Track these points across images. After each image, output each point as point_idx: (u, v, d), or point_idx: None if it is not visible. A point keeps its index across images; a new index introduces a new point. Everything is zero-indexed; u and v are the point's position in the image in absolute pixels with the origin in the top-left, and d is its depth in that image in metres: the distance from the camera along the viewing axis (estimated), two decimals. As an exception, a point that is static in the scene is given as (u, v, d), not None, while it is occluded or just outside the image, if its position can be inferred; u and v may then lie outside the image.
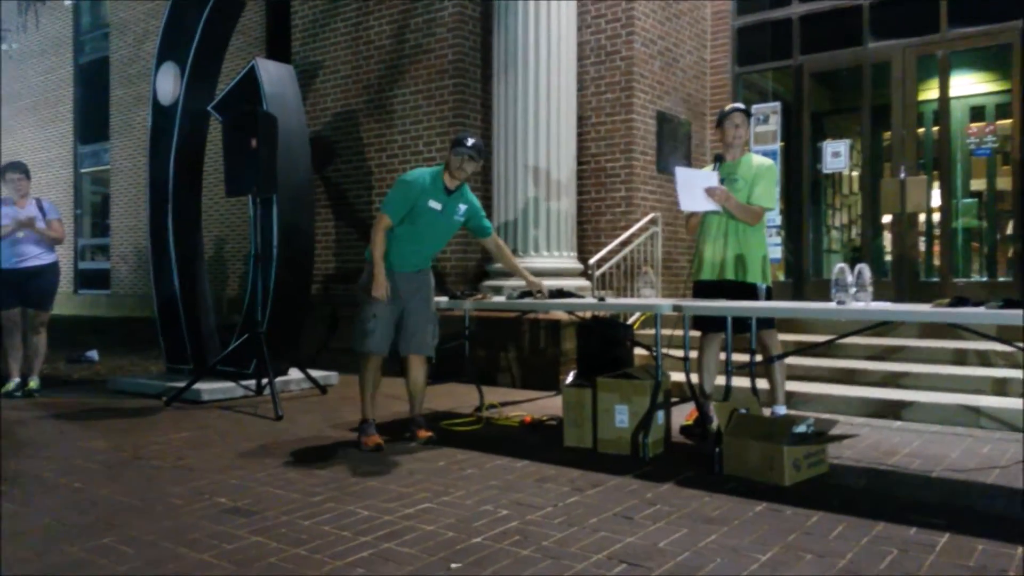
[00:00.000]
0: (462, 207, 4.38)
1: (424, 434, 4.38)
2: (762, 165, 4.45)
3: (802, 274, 8.06)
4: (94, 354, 8.24)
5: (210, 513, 3.11)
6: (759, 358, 4.30)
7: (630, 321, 6.72)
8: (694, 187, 4.35)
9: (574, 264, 7.04)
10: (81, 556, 2.66)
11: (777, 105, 8.17)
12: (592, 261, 6.48)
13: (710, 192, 4.28)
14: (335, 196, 8.53)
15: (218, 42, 6.42)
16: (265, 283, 6.00)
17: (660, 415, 4.04)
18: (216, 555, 2.65)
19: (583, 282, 7.00)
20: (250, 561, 2.60)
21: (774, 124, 8.19)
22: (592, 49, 7.57)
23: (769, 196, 4.41)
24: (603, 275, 6.64)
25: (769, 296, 4.44)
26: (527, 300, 4.51)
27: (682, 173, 4.43)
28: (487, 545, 2.72)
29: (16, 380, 6.14)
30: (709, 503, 3.21)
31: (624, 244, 6.92)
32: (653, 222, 7.24)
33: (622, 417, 4.04)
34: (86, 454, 4.15)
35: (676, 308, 3.84)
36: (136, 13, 13.90)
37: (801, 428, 3.69)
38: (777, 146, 8.06)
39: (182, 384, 5.79)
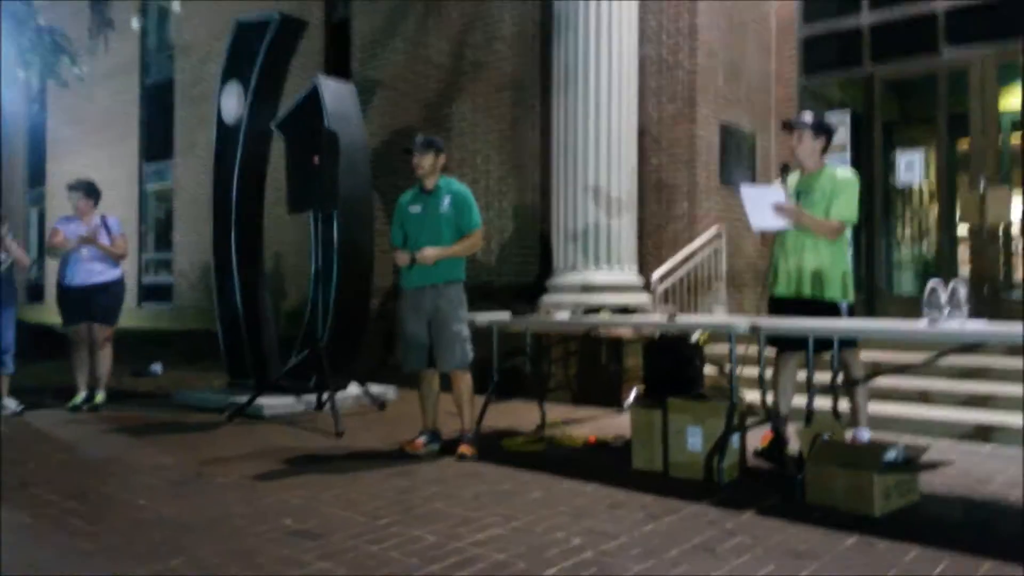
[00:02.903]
0: (446, 199, 4.47)
1: (463, 450, 4.36)
2: (843, 178, 4.24)
3: (874, 289, 7.73)
4: (158, 367, 8.38)
5: (276, 536, 3.05)
6: (840, 379, 4.07)
7: (693, 339, 6.52)
8: (762, 204, 4.16)
9: (635, 279, 6.87)
10: (149, 579, 2.61)
11: (846, 115, 7.91)
12: (655, 276, 6.31)
13: (780, 209, 4.09)
14: (390, 211, 8.52)
15: (281, 62, 6.48)
16: (325, 299, 5.99)
17: (735, 438, 3.86)
18: (283, 581, 2.58)
19: (644, 297, 6.83)
20: (318, 588, 2.52)
21: (843, 135, 7.93)
22: (654, 61, 7.43)
23: (850, 209, 4.19)
24: (665, 290, 6.47)
25: (851, 314, 4.22)
26: (593, 319, 4.37)
27: (748, 191, 4.25)
28: (562, 577, 2.59)
29: (83, 394, 6.23)
30: (795, 535, 3.02)
31: (687, 259, 6.73)
32: (717, 236, 7.04)
33: (695, 440, 3.87)
34: (151, 470, 4.15)
35: (753, 328, 3.66)
36: (200, 35, 14.25)
37: (891, 455, 3.47)
38: (847, 156, 7.80)
39: (244, 399, 5.81)
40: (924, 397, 5.25)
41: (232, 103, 6.51)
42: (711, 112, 7.37)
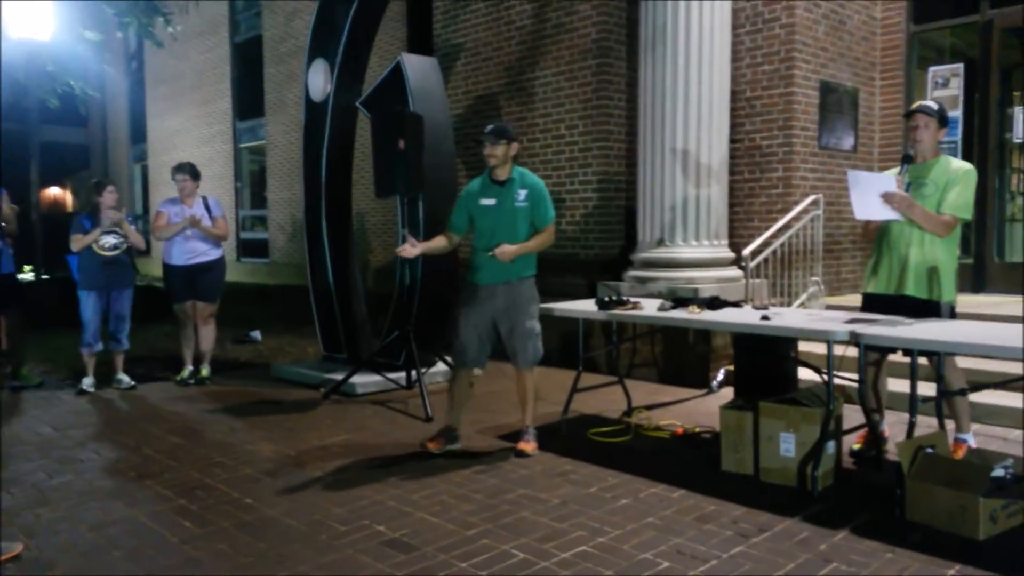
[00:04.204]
0: (521, 192, 4.33)
1: (526, 447, 4.37)
2: (959, 170, 3.93)
3: (984, 256, 7.26)
4: (257, 334, 8.75)
5: (370, 546, 3.17)
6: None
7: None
8: (870, 193, 3.90)
9: (725, 253, 6.66)
10: (255, 596, 2.77)
11: (959, 67, 7.33)
12: (746, 252, 6.09)
13: (888, 198, 3.83)
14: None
15: (365, 38, 6.46)
16: (413, 278, 6.07)
17: (831, 445, 3.74)
18: (379, 604, 2.69)
19: (734, 271, 6.63)
20: (412, 614, 2.61)
21: (955, 88, 7.37)
22: (748, 17, 7.03)
23: (965, 205, 3.90)
24: (757, 266, 6.24)
25: (953, 315, 3.97)
26: (681, 315, 4.26)
27: (855, 177, 3.98)
28: (650, 611, 2.60)
29: (189, 368, 6.59)
30: (893, 562, 2.93)
31: (782, 230, 6.46)
32: (814, 204, 6.71)
33: (788, 446, 3.77)
34: (254, 461, 4.36)
35: (853, 336, 3.49)
36: (285, -8, 14.35)
37: (999, 472, 3.29)
38: (959, 112, 7.25)
39: (337, 375, 6.03)
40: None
41: (319, 80, 6.56)
42: (810, 69, 6.95)
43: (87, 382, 6.25)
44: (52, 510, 3.67)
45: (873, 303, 4.12)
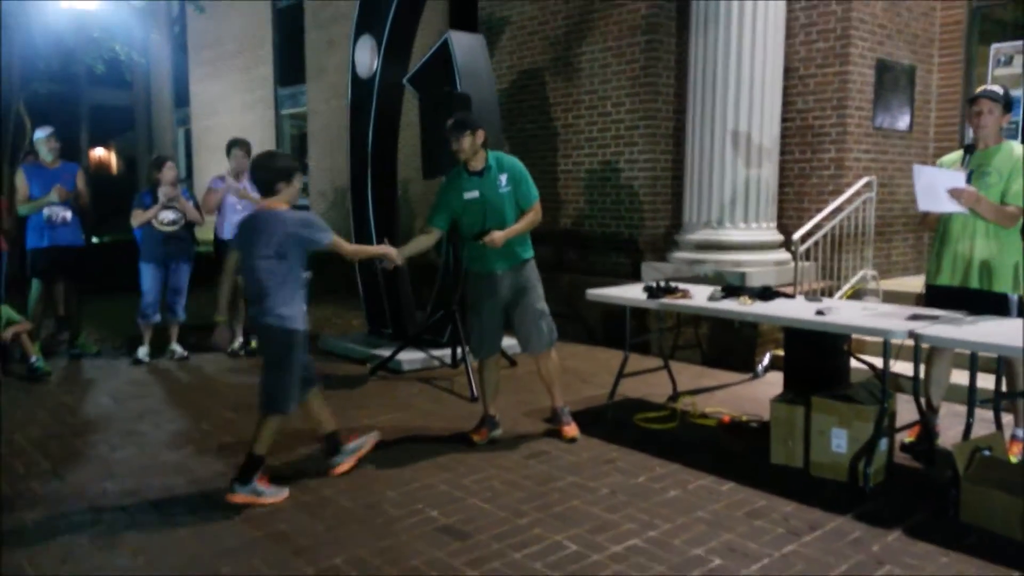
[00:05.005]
0: (502, 177, 4.22)
1: (567, 432, 4.40)
2: (1023, 156, 3.83)
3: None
4: (302, 305, 8.87)
5: (425, 531, 3.25)
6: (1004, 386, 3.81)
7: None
8: (936, 186, 3.82)
9: (774, 236, 6.58)
10: (317, 581, 2.86)
11: (1022, 44, 7.06)
12: (796, 236, 5.99)
13: (956, 194, 3.75)
14: (519, 157, 8.43)
15: (412, 13, 6.42)
16: (457, 257, 6.09)
17: (884, 442, 3.72)
18: (437, 593, 2.76)
19: (783, 255, 6.56)
20: (470, 605, 2.68)
21: (1019, 66, 7.11)
22: (803, -9, 6.83)
23: (1032, 195, 3.81)
24: (807, 250, 6.15)
25: (1022, 310, 3.89)
26: (732, 306, 4.23)
27: (922, 172, 3.89)
28: (704, 610, 2.64)
29: (240, 340, 6.73)
30: (947, 566, 2.92)
31: (833, 213, 6.34)
32: (868, 187, 6.56)
33: (839, 442, 3.76)
34: (307, 439, 4.46)
35: (912, 335, 3.44)
36: (327, -43, 14.25)
37: (1058, 476, 3.26)
38: (1021, 92, 7.01)
39: (383, 351, 6.13)
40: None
41: (365, 56, 6.55)
42: (867, 47, 6.75)
43: (142, 352, 6.43)
44: (117, 483, 3.81)
45: (937, 296, 4.06)
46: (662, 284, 4.74)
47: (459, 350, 5.93)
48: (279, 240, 3.56)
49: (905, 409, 4.21)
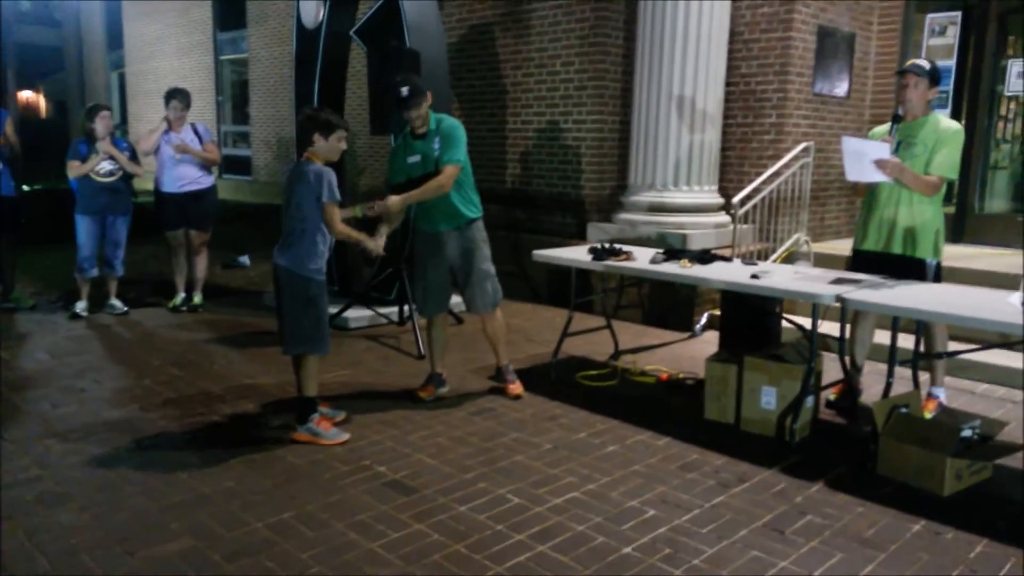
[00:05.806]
0: (437, 140, 4.23)
1: (512, 390, 4.52)
2: (948, 129, 4.03)
3: (966, 207, 7.40)
4: (246, 259, 8.77)
5: (372, 487, 3.34)
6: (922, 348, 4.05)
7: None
8: (862, 157, 4.00)
9: (715, 199, 6.75)
10: (267, 535, 2.93)
11: (957, 15, 7.28)
12: (736, 199, 6.16)
13: (881, 165, 3.93)
14: (466, 114, 8.41)
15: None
16: (406, 215, 6.09)
17: (810, 399, 3.94)
18: (385, 546, 2.86)
19: (723, 217, 6.73)
20: (416, 556, 2.78)
21: (951, 37, 7.35)
22: (751, -44, 6.89)
23: (952, 166, 4.01)
24: (746, 213, 6.33)
25: (939, 274, 4.12)
26: (673, 269, 4.37)
27: (849, 143, 4.07)
28: (636, 559, 2.80)
29: (182, 295, 6.65)
30: (864, 516, 3.15)
31: (772, 177, 6.52)
32: (805, 152, 6.76)
33: (769, 399, 3.96)
34: (253, 395, 4.49)
35: (839, 299, 3.63)
36: None
37: (967, 432, 3.51)
38: (952, 63, 7.26)
39: (330, 309, 6.10)
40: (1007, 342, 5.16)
41: (311, 7, 6.40)
42: (809, 13, 6.88)
43: (80, 306, 6.30)
44: (61, 441, 3.79)
45: (862, 260, 4.27)
46: (607, 246, 4.86)
47: (406, 308, 5.98)
48: (301, 191, 3.70)
49: (831, 368, 4.46)
